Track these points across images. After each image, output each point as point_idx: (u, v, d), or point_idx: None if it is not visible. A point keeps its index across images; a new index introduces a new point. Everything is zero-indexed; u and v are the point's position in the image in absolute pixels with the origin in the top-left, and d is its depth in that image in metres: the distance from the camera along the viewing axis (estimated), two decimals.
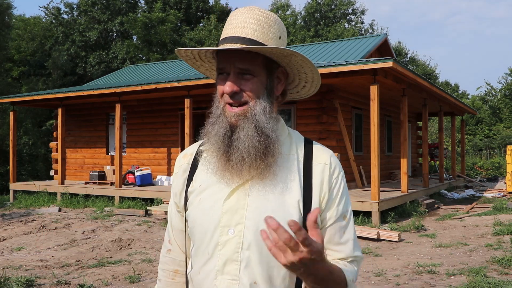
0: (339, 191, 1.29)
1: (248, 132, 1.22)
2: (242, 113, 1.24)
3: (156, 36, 29.03)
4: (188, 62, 1.40)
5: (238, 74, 1.24)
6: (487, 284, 4.96)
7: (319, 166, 1.28)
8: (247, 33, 1.24)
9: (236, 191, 1.24)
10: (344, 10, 37.44)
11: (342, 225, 1.28)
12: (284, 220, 1.19)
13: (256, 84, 1.25)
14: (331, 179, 1.28)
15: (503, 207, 10.92)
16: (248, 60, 1.23)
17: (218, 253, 1.22)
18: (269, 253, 1.14)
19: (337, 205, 1.28)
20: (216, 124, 1.26)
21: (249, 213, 1.21)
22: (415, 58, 40.30)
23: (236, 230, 1.21)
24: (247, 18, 1.25)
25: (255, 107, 1.24)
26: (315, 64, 10.24)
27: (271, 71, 1.29)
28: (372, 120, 9.06)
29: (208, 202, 1.26)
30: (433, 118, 31.85)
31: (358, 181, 12.25)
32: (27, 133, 24.01)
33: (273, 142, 1.23)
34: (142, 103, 14.16)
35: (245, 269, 1.20)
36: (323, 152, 1.31)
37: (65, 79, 27.72)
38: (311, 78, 1.37)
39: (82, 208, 12.18)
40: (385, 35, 17.28)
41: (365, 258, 6.59)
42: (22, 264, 6.47)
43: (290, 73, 1.35)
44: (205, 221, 1.25)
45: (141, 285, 5.39)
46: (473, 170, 22.77)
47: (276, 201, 1.22)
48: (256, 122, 1.23)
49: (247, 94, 1.24)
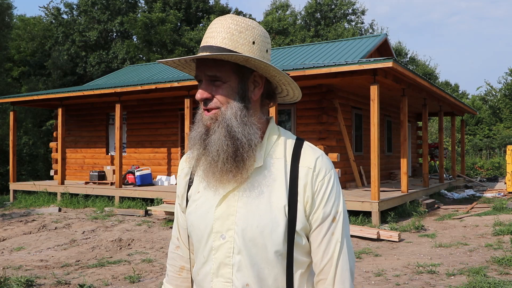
0: (325, 194, 1.29)
1: (219, 135, 1.26)
2: (214, 116, 1.29)
3: (156, 36, 29.03)
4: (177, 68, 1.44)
5: (209, 81, 1.29)
6: (487, 284, 4.96)
7: (304, 170, 1.30)
8: (216, 42, 1.28)
9: (227, 198, 1.28)
10: (344, 10, 37.43)
11: (330, 227, 1.29)
12: (270, 225, 1.24)
13: (226, 90, 1.28)
14: (315, 183, 1.29)
15: (503, 207, 10.92)
16: (216, 67, 1.28)
17: (213, 257, 1.28)
18: (258, 257, 1.25)
19: (323, 207, 1.28)
20: (195, 129, 1.33)
21: (238, 219, 1.26)
22: (415, 58, 40.29)
23: (227, 235, 1.26)
24: (218, 27, 1.30)
25: (226, 112, 1.27)
26: (315, 65, 10.26)
27: (244, 76, 1.31)
28: (372, 120, 9.06)
29: (202, 209, 1.32)
30: (433, 118, 31.85)
31: (358, 181, 12.25)
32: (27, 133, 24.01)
33: (243, 147, 1.25)
34: (142, 103, 14.16)
35: (237, 272, 1.26)
36: (309, 155, 1.32)
37: (65, 79, 27.72)
38: (285, 81, 1.37)
39: (82, 208, 12.18)
40: (385, 35, 17.28)
41: (365, 258, 6.59)
42: (22, 264, 6.47)
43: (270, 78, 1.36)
44: (201, 226, 1.31)
45: (141, 285, 5.39)
46: (473, 170, 22.78)
47: (263, 207, 1.25)
48: (226, 126, 1.26)
49: (218, 100, 1.28)
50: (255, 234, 1.24)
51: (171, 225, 9.32)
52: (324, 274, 1.30)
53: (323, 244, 1.29)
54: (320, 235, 1.29)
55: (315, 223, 1.29)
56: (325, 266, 1.29)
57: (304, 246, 1.30)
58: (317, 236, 1.29)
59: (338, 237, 1.29)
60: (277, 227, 1.24)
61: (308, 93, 11.32)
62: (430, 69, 39.76)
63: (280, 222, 1.24)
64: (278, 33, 33.40)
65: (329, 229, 1.29)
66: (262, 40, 1.33)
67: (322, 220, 1.28)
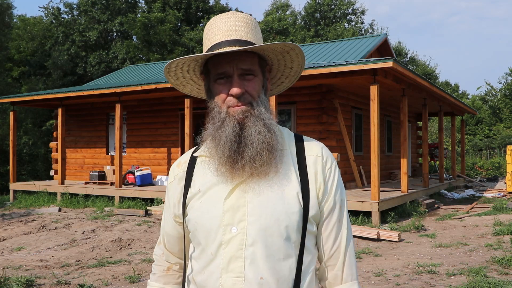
0: (334, 182, 1.33)
1: (259, 128, 1.24)
2: (247, 110, 1.26)
3: (155, 36, 29.02)
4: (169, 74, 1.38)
5: (240, 76, 1.27)
6: (487, 284, 4.96)
7: (312, 158, 1.32)
8: (241, 36, 1.27)
9: (236, 189, 1.25)
10: (344, 10, 37.43)
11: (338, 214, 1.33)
12: (285, 212, 1.23)
13: (258, 84, 1.29)
14: (325, 170, 1.32)
15: (503, 207, 10.92)
16: (249, 61, 1.27)
17: (222, 252, 1.23)
18: (275, 247, 1.22)
19: (334, 194, 1.32)
20: (223, 127, 1.26)
21: (250, 209, 1.23)
22: (415, 58, 40.30)
23: (239, 227, 1.22)
24: (236, 21, 1.29)
25: (258, 106, 1.27)
26: (315, 65, 10.27)
27: (264, 70, 1.33)
28: (372, 120, 9.06)
29: (209, 203, 1.27)
30: (433, 118, 31.84)
31: (358, 181, 12.25)
32: (27, 133, 24.01)
33: (277, 138, 1.28)
34: (142, 103, 14.16)
35: (250, 265, 1.21)
36: (314, 145, 1.35)
37: (65, 79, 27.72)
38: (294, 72, 1.40)
39: (82, 208, 12.18)
40: (385, 35, 17.28)
41: (365, 258, 6.59)
42: (22, 264, 6.47)
43: (274, 69, 1.40)
44: (207, 221, 1.25)
45: (141, 285, 5.39)
46: (473, 170, 22.78)
47: (276, 195, 1.24)
48: (263, 119, 1.26)
49: (250, 95, 1.27)
50: (270, 223, 1.21)
51: None
52: (333, 260, 1.33)
53: (334, 232, 1.32)
54: (331, 223, 1.32)
55: (327, 210, 1.31)
56: (334, 252, 1.32)
57: (314, 233, 1.31)
58: (328, 223, 1.32)
59: (344, 225, 1.34)
60: (291, 214, 1.23)
61: (308, 93, 11.32)
62: (430, 69, 39.76)
63: (294, 210, 1.24)
64: (278, 33, 33.39)
65: (338, 216, 1.33)
66: None
67: (333, 208, 1.32)
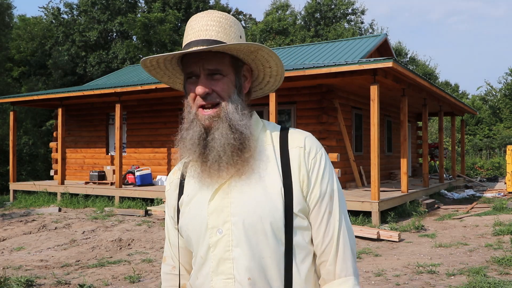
0: (319, 171, 1.28)
1: (222, 131, 1.24)
2: (215, 114, 1.26)
3: (155, 36, 29.02)
4: (151, 73, 1.40)
5: (208, 76, 1.26)
6: (487, 284, 4.96)
7: (295, 151, 1.29)
8: (211, 35, 1.27)
9: (218, 192, 1.25)
10: (344, 10, 37.43)
11: (328, 205, 1.28)
12: (268, 210, 1.22)
13: (227, 84, 1.27)
14: (308, 161, 1.28)
15: (503, 207, 10.92)
16: (216, 61, 1.26)
17: (211, 255, 1.24)
18: (260, 246, 1.21)
19: (320, 184, 1.27)
20: (190, 129, 1.28)
21: (233, 209, 1.22)
22: (415, 58, 40.30)
23: (224, 229, 1.23)
24: (208, 21, 1.28)
25: (228, 107, 1.26)
26: (315, 65, 10.27)
27: (238, 69, 1.31)
28: (372, 120, 9.06)
29: (195, 208, 1.28)
30: (433, 118, 31.84)
31: (358, 181, 12.25)
32: (27, 133, 24.00)
33: (247, 138, 1.25)
34: (142, 103, 14.16)
35: (238, 266, 1.21)
36: (297, 136, 1.32)
37: (65, 79, 27.71)
38: (276, 72, 1.38)
39: (82, 208, 12.18)
40: (385, 35, 17.28)
41: (365, 258, 6.59)
42: (22, 264, 6.47)
43: (255, 69, 1.37)
44: (195, 226, 1.27)
45: (141, 285, 5.39)
46: (473, 170, 22.77)
47: (259, 193, 1.23)
48: (229, 121, 1.24)
49: (218, 94, 1.26)
50: (254, 221, 1.21)
51: None
52: (325, 256, 1.28)
53: (323, 225, 1.27)
54: (319, 215, 1.27)
55: (313, 202, 1.27)
56: (326, 247, 1.28)
57: (306, 229, 1.27)
58: (316, 216, 1.27)
59: (336, 216, 1.28)
60: (275, 211, 1.21)
61: (308, 93, 11.32)
62: (430, 69, 39.77)
63: (278, 206, 1.22)
64: (278, 33, 33.40)
65: (327, 207, 1.27)
66: (244, 35, 1.36)
67: (320, 198, 1.27)
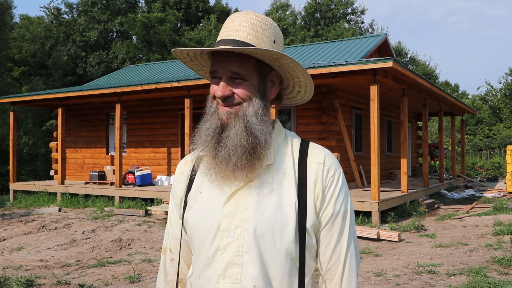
0: (335, 190, 1.27)
1: (238, 130, 1.23)
2: (234, 111, 1.25)
3: (155, 36, 29.02)
4: (186, 64, 1.40)
5: (229, 78, 1.25)
6: (487, 284, 4.96)
7: (313, 166, 1.28)
8: (241, 36, 1.25)
9: (235, 195, 1.24)
10: (344, 10, 37.43)
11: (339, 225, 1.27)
12: (281, 222, 1.21)
13: (248, 87, 1.26)
14: (326, 178, 1.27)
15: (503, 207, 10.92)
16: (240, 64, 1.24)
17: (219, 258, 1.23)
18: (267, 255, 1.22)
19: (334, 203, 1.27)
20: (208, 121, 1.28)
21: (247, 216, 1.22)
22: (415, 58, 40.32)
23: (236, 233, 1.22)
24: (241, 21, 1.27)
25: (248, 108, 1.25)
26: (315, 65, 10.25)
27: (264, 74, 1.29)
28: (372, 120, 9.06)
29: (207, 207, 1.27)
30: (433, 118, 31.85)
31: (358, 181, 12.25)
32: (27, 133, 24.02)
33: (261, 144, 1.23)
34: (142, 103, 14.16)
35: (245, 272, 1.21)
36: (318, 152, 1.31)
37: (65, 79, 27.72)
38: (304, 83, 1.37)
39: (82, 208, 12.18)
40: (385, 35, 17.28)
41: (365, 258, 6.59)
42: (22, 264, 6.47)
43: (284, 77, 1.35)
44: (205, 226, 1.26)
45: (141, 285, 5.39)
46: (473, 170, 22.77)
47: (273, 203, 1.23)
48: (246, 122, 1.23)
49: (239, 97, 1.25)
50: (265, 231, 1.20)
51: None
52: (331, 274, 1.28)
53: (332, 243, 1.27)
54: (330, 233, 1.27)
55: (325, 219, 1.26)
56: (332, 266, 1.27)
57: (313, 247, 1.27)
58: (327, 233, 1.27)
59: (346, 237, 1.27)
60: (286, 224, 1.21)
61: None
62: (430, 69, 39.78)
63: (290, 219, 1.21)
64: None
65: (338, 227, 1.27)
66: (281, 40, 1.33)
67: (333, 217, 1.26)
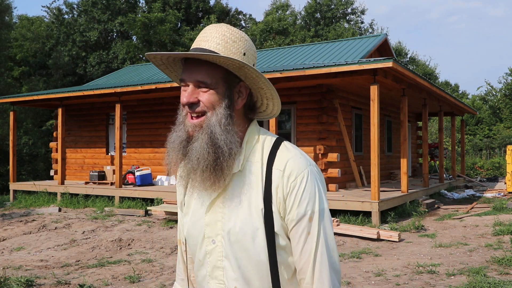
0: (297, 195, 1.28)
1: (201, 143, 1.28)
2: (199, 124, 1.31)
3: (155, 36, 29.02)
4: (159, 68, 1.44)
5: (196, 86, 1.30)
6: (487, 284, 4.96)
7: (276, 172, 1.31)
8: (210, 46, 1.30)
9: (213, 205, 1.34)
10: (344, 10, 37.43)
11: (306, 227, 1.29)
12: (251, 229, 1.29)
13: (213, 96, 1.29)
14: (287, 185, 1.29)
15: (503, 207, 10.92)
16: (207, 72, 1.29)
17: (208, 261, 1.36)
18: (243, 260, 1.31)
19: (297, 208, 1.28)
20: (175, 132, 1.36)
21: (223, 224, 1.32)
22: (415, 58, 40.30)
23: (217, 240, 1.33)
24: (213, 32, 1.32)
25: (211, 118, 1.29)
26: (315, 65, 10.25)
27: (231, 84, 1.33)
28: (372, 120, 9.06)
29: (194, 217, 1.39)
30: (433, 118, 31.85)
31: (358, 181, 12.25)
32: (27, 133, 24.02)
33: (224, 155, 1.27)
34: (142, 103, 14.16)
35: (227, 274, 1.33)
36: (282, 157, 1.32)
37: (66, 79, 27.72)
38: (270, 95, 1.39)
39: (82, 208, 12.18)
40: (385, 35, 17.28)
41: (365, 258, 6.59)
42: (22, 264, 6.47)
43: (251, 88, 1.38)
44: (195, 233, 1.38)
45: (141, 285, 5.39)
46: (473, 170, 22.77)
47: (244, 211, 1.30)
48: (210, 132, 1.28)
49: (204, 104, 1.30)
50: (238, 238, 1.29)
51: (171, 225, 9.33)
52: (303, 273, 1.30)
53: (300, 244, 1.29)
54: (296, 235, 1.29)
55: (290, 224, 1.29)
56: (303, 265, 1.30)
57: (287, 247, 1.32)
58: (294, 235, 1.30)
59: (314, 236, 1.29)
60: (256, 230, 1.28)
61: (308, 93, 11.32)
62: (430, 69, 39.77)
63: (258, 226, 1.28)
64: (278, 33, 33.39)
65: (305, 228, 1.29)
66: (252, 54, 1.36)
67: (297, 221, 1.29)
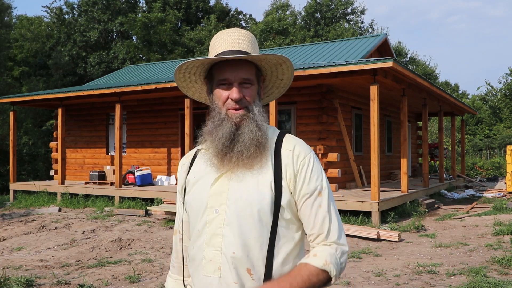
0: (307, 172, 1.48)
1: (252, 128, 1.48)
2: (244, 113, 1.50)
3: (155, 36, 29.02)
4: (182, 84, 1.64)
5: (240, 84, 1.50)
6: (487, 284, 4.96)
7: (285, 152, 1.51)
8: (243, 47, 1.52)
9: (222, 177, 1.49)
10: (344, 10, 37.42)
11: (316, 200, 1.47)
12: (257, 198, 1.44)
13: (254, 91, 1.53)
14: (297, 162, 1.49)
15: (503, 207, 10.92)
16: (248, 70, 1.51)
17: (207, 230, 1.47)
18: (247, 227, 1.43)
19: (308, 184, 1.47)
20: (221, 126, 1.50)
21: (229, 194, 1.46)
22: (415, 58, 40.29)
23: (220, 209, 1.46)
24: (240, 36, 1.54)
25: (254, 110, 1.51)
26: (315, 65, 10.27)
27: (259, 79, 1.57)
28: (372, 120, 9.06)
29: (199, 189, 1.53)
30: (433, 118, 31.85)
31: (358, 181, 12.25)
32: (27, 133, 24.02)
33: (267, 137, 1.52)
34: (142, 103, 14.16)
35: (225, 241, 1.43)
36: (290, 141, 1.54)
37: (66, 79, 27.72)
38: (283, 84, 1.66)
39: (82, 208, 12.18)
40: (385, 35, 17.28)
41: (365, 258, 6.59)
42: (22, 264, 6.47)
43: (267, 80, 1.64)
44: (197, 204, 1.51)
45: (141, 285, 5.39)
46: (473, 170, 22.77)
47: (252, 183, 1.46)
48: (256, 121, 1.49)
49: (247, 100, 1.51)
50: (244, 206, 1.43)
51: (171, 225, 9.33)
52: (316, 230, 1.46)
53: (312, 215, 1.47)
54: (308, 208, 1.47)
55: (303, 198, 1.47)
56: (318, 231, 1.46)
57: (289, 221, 1.47)
58: (306, 209, 1.47)
59: (325, 208, 1.47)
60: (262, 200, 1.43)
61: (308, 93, 11.32)
62: (430, 69, 39.76)
63: (266, 195, 1.44)
64: (278, 33, 33.38)
65: (315, 201, 1.47)
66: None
67: (309, 196, 1.47)
